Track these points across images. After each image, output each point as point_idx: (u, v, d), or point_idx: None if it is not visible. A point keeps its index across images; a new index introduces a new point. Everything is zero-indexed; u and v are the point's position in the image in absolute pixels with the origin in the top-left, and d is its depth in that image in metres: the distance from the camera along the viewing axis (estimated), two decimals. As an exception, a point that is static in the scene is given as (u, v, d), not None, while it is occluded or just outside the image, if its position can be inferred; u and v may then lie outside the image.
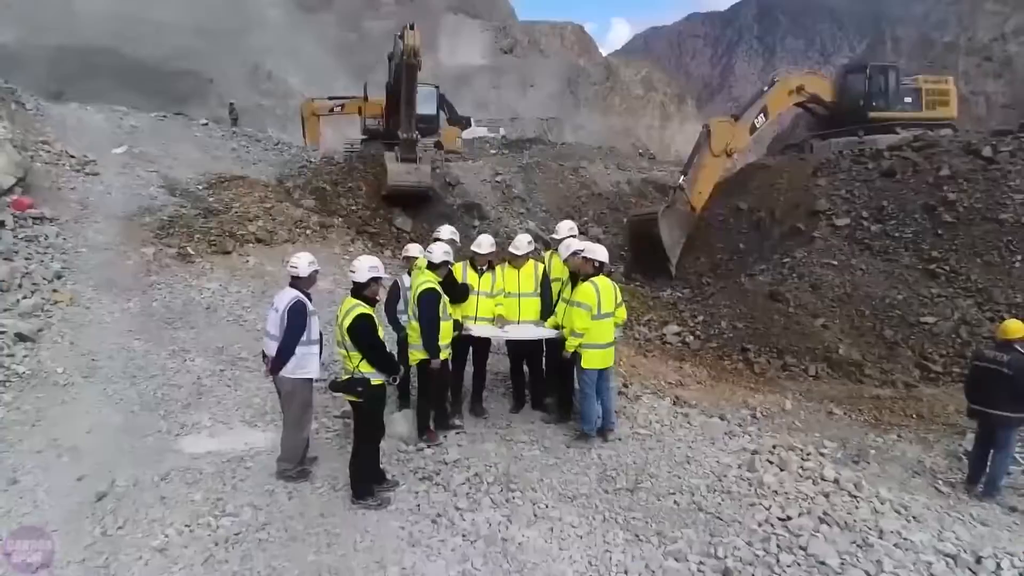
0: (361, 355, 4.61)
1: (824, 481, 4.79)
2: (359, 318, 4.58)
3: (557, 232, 6.43)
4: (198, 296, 9.85)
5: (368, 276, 4.75)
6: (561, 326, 5.81)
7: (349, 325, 4.59)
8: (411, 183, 15.39)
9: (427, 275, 5.45)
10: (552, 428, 5.92)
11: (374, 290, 4.81)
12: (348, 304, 4.72)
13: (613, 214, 20.14)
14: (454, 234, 6.32)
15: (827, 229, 14.17)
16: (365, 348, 4.61)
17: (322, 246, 12.53)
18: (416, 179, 15.48)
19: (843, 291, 12.18)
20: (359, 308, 4.64)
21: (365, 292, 4.76)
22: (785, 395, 9.20)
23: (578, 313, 5.41)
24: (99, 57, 34.97)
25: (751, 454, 5.28)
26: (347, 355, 4.72)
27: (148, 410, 6.49)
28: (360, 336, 4.59)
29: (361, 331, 4.58)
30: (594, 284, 5.49)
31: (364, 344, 4.60)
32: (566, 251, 5.86)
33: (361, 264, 4.82)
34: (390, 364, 4.76)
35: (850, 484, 4.71)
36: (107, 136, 17.09)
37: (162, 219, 12.60)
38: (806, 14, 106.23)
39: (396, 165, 15.43)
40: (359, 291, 4.76)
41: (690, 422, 6.05)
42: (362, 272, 4.76)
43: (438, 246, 5.62)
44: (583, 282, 5.54)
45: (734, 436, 5.86)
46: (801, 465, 5.01)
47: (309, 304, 5.06)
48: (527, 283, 6.14)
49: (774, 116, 17.17)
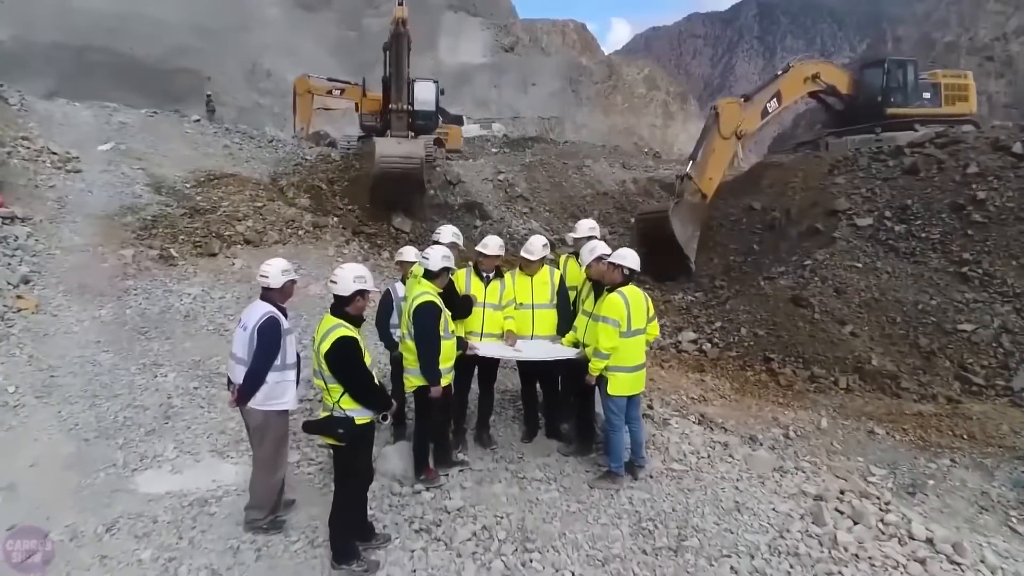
0: (343, 388, 3.67)
1: (914, 540, 3.86)
2: (340, 342, 3.63)
3: (576, 231, 5.50)
4: (177, 302, 8.92)
5: (353, 289, 3.76)
6: (582, 343, 4.87)
7: (328, 350, 3.62)
8: (400, 156, 13.20)
9: (424, 285, 4.48)
10: (571, 462, 4.98)
11: (360, 306, 3.82)
12: (327, 323, 3.76)
13: (619, 214, 19.25)
14: (456, 236, 5.32)
15: (848, 229, 13.24)
16: (347, 379, 3.66)
17: (315, 247, 11.62)
18: (406, 151, 13.35)
19: (870, 295, 11.27)
20: (341, 329, 3.67)
21: (348, 308, 3.78)
22: (818, 411, 8.29)
23: (604, 330, 4.48)
24: (96, 55, 34.05)
25: (815, 500, 4.36)
26: (325, 387, 3.74)
27: (105, 438, 5.57)
28: (341, 364, 3.63)
29: (342, 358, 3.62)
30: (623, 296, 4.55)
31: (346, 374, 3.65)
32: (590, 255, 4.87)
33: (344, 274, 3.82)
34: (379, 399, 3.78)
35: (947, 546, 3.77)
36: (94, 133, 16.20)
37: (145, 219, 11.69)
38: (806, 14, 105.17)
39: (385, 140, 13.65)
40: (341, 307, 3.80)
41: (731, 455, 5.11)
42: (345, 283, 3.77)
43: (436, 251, 4.59)
44: (609, 293, 4.61)
45: (786, 473, 4.93)
46: (881, 519, 4.08)
47: (284, 321, 4.13)
48: (542, 293, 5.19)
49: (787, 102, 16.18)
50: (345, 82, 22.83)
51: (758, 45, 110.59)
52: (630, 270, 4.59)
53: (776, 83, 15.67)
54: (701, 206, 14.87)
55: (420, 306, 4.34)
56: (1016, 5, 57.12)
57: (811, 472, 5.10)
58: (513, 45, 40.74)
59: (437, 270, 4.51)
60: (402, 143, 13.50)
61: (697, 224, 14.82)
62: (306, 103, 22.51)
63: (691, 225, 14.59)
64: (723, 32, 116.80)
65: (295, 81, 23.65)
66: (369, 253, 11.93)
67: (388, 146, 13.28)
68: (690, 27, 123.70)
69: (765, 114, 15.48)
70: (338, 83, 22.67)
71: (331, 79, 23.39)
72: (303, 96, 22.49)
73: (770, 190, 16.31)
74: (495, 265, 5.14)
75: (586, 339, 4.80)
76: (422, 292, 4.40)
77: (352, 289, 3.76)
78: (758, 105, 15.37)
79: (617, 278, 4.60)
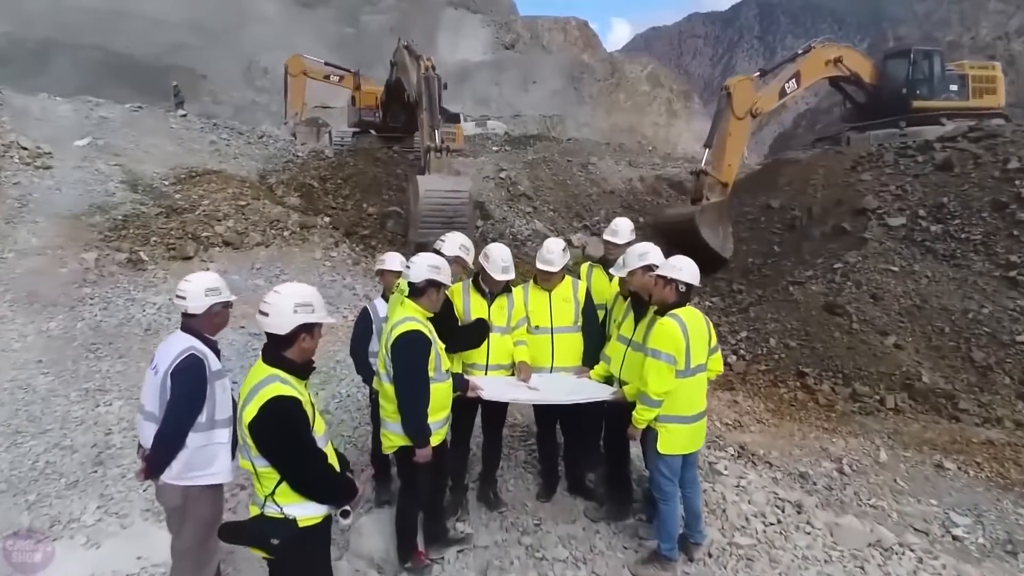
0: (278, 474, 2.40)
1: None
2: (272, 405, 2.36)
3: (615, 233, 4.29)
4: (139, 314, 7.72)
5: (295, 324, 2.47)
6: (617, 379, 3.65)
7: (253, 418, 2.37)
8: (447, 189, 11.54)
9: (409, 308, 3.22)
10: (603, 533, 3.77)
11: (304, 350, 2.53)
12: (256, 376, 2.47)
13: (627, 213, 17.99)
14: (465, 250, 3.89)
15: (880, 230, 12.02)
16: (284, 461, 2.40)
17: (301, 250, 10.40)
18: (453, 185, 11.71)
19: (910, 302, 10.06)
20: (274, 386, 2.40)
21: (288, 353, 2.50)
22: (871, 438, 7.08)
23: (656, 369, 3.22)
24: (90, 52, 32.88)
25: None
26: (254, 472, 2.45)
27: (14, 492, 4.38)
28: (274, 438, 2.38)
29: (276, 429, 2.38)
30: (679, 322, 3.30)
31: (282, 454, 2.40)
32: (638, 260, 3.61)
33: (281, 301, 2.48)
34: (335, 487, 2.52)
35: None
36: (72, 127, 15.02)
37: (115, 218, 10.52)
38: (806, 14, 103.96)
39: (427, 177, 11.67)
40: (277, 351, 2.50)
41: (810, 522, 3.91)
42: (282, 314, 2.47)
43: (422, 259, 3.28)
44: (662, 316, 3.37)
45: (891, 554, 3.72)
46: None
47: (212, 360, 2.91)
48: (563, 312, 3.94)
49: (806, 84, 14.88)
50: (345, 69, 20.92)
51: (758, 45, 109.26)
52: (687, 286, 3.37)
53: (796, 63, 14.42)
54: (725, 203, 13.72)
55: (402, 337, 3.09)
56: (1018, 4, 56.08)
57: (923, 553, 3.86)
58: (514, 42, 39.49)
59: (421, 283, 3.21)
60: (445, 178, 11.76)
61: (726, 221, 13.65)
62: (300, 85, 20.15)
63: (720, 227, 13.47)
64: (723, 32, 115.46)
65: (288, 61, 21.01)
66: (361, 256, 10.72)
67: (432, 182, 11.49)
68: (690, 27, 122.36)
69: (783, 94, 14.23)
70: (337, 69, 20.70)
71: (328, 63, 21.36)
72: (297, 77, 20.14)
73: (788, 188, 15.08)
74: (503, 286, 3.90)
75: (625, 374, 3.58)
76: (406, 318, 3.15)
77: (293, 323, 2.45)
78: (777, 84, 14.13)
79: (670, 297, 3.34)
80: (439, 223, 11.30)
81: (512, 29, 40.13)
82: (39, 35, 32.66)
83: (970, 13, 58.94)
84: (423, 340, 3.14)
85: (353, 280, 9.46)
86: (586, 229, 17.15)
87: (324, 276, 9.48)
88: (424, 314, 3.23)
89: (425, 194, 11.19)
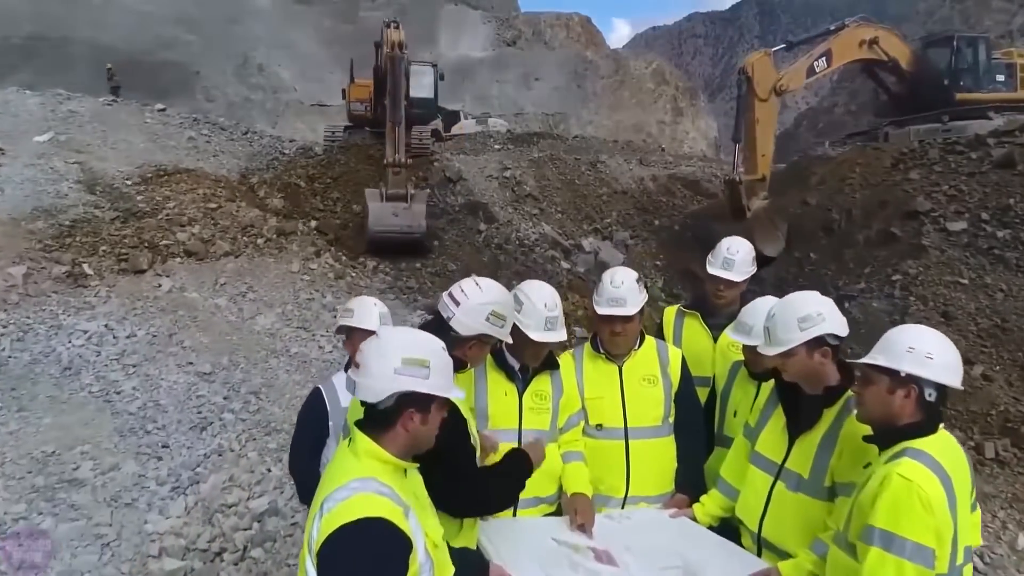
0: None
1: None
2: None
3: (730, 264, 2.57)
4: (62, 345, 6.06)
5: None
6: (755, 534, 1.97)
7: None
8: (398, 229, 10.29)
9: (364, 457, 1.44)
10: None
11: None
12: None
13: (641, 215, 16.40)
14: (498, 319, 2.01)
15: (938, 235, 10.43)
16: None
17: (276, 261, 8.73)
18: (406, 223, 10.34)
19: (989, 322, 8.47)
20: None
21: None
22: (990, 507, 5.44)
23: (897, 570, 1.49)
24: (76, 48, 31.13)
25: None
26: None
27: None
28: None
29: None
30: (937, 471, 1.58)
31: None
32: (801, 333, 1.87)
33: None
34: None
35: None
36: (36, 122, 13.39)
37: (62, 224, 8.85)
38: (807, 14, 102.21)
39: (379, 205, 10.21)
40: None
41: None
42: None
43: (394, 343, 1.50)
44: (885, 448, 1.64)
45: None
46: None
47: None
48: (647, 400, 2.28)
49: (837, 65, 13.14)
50: None
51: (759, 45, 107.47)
52: (939, 390, 1.69)
53: (829, 41, 12.75)
54: (771, 204, 12.57)
55: (344, 531, 1.33)
56: (1021, 3, 54.53)
57: None
58: (515, 39, 37.78)
59: (388, 403, 1.46)
60: (399, 213, 10.09)
61: (777, 219, 12.42)
62: None
63: (774, 230, 12.13)
64: (724, 32, 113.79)
65: None
66: (345, 268, 9.06)
67: (382, 217, 9.98)
68: (691, 27, 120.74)
69: (811, 73, 12.55)
70: None
71: None
72: None
73: (822, 188, 13.46)
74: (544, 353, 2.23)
75: (770, 530, 1.90)
76: (354, 484, 1.39)
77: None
78: (805, 61, 12.48)
79: (905, 414, 1.66)
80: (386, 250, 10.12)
81: (513, 25, 38.44)
82: (22, 30, 30.93)
83: (973, 12, 57.29)
84: (388, 538, 1.36)
85: (335, 299, 7.79)
86: (597, 232, 15.57)
87: (300, 293, 7.82)
88: (397, 464, 1.49)
89: (372, 235, 9.95)
